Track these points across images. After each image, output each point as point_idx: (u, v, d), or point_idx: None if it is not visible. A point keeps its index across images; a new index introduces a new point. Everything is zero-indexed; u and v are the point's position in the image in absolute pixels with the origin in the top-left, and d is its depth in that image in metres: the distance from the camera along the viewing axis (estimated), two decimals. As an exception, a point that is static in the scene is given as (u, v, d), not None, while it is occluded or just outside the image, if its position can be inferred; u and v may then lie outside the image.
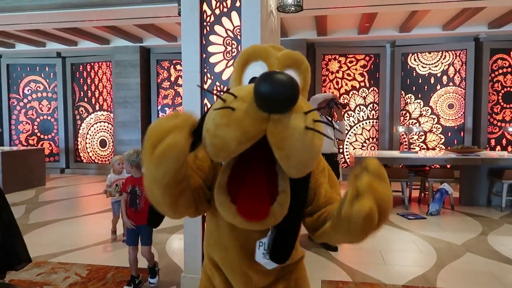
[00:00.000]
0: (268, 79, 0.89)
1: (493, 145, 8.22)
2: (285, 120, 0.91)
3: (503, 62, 8.08)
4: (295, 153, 0.93)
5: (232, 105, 0.93)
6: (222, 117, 0.93)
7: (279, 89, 0.87)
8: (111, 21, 7.02)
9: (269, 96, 0.87)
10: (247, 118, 0.91)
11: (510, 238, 4.37)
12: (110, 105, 9.76)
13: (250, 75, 1.17)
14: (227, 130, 0.92)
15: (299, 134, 0.91)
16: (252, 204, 1.03)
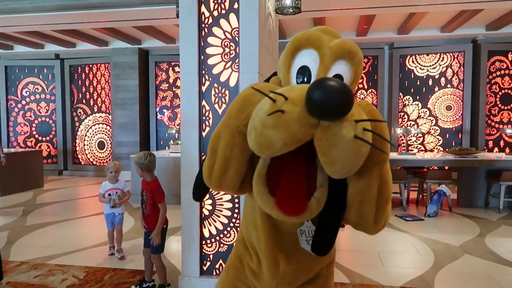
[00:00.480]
0: (322, 86, 0.86)
1: (491, 147, 8.24)
2: (335, 128, 0.89)
3: (500, 64, 8.10)
4: (341, 160, 0.92)
5: (283, 107, 0.92)
6: (271, 117, 0.92)
7: (333, 97, 0.85)
8: (110, 23, 7.03)
9: (322, 103, 0.86)
10: (296, 122, 0.90)
11: (508, 240, 4.38)
12: (108, 107, 9.75)
13: (299, 63, 1.14)
14: (274, 131, 0.91)
15: (347, 143, 0.90)
16: (291, 198, 1.03)
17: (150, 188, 2.97)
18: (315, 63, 1.11)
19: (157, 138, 9.59)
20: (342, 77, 1.12)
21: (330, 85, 0.86)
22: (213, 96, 2.76)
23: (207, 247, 2.83)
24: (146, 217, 2.99)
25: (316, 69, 1.11)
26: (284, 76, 1.18)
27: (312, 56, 1.12)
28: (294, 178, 1.05)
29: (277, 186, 1.05)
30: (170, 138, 9.02)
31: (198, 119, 2.76)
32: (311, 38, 1.13)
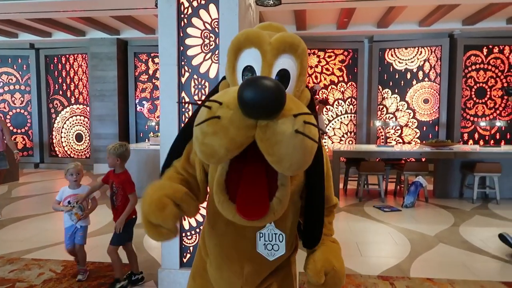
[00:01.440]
0: (251, 85, 0.85)
1: (466, 139, 8.46)
2: (273, 125, 0.88)
3: (476, 58, 8.30)
4: (286, 157, 0.90)
5: (218, 113, 0.90)
6: (209, 125, 0.91)
7: (264, 95, 0.84)
8: (87, 12, 6.85)
9: (253, 103, 0.84)
10: (233, 126, 0.89)
11: (480, 229, 4.53)
12: (86, 98, 9.55)
13: (243, 63, 1.12)
14: (214, 138, 0.90)
15: (288, 138, 0.89)
16: (251, 203, 1.01)
17: (121, 180, 2.93)
18: (258, 61, 1.10)
19: (137, 130, 9.46)
20: (288, 71, 1.11)
21: (259, 83, 0.85)
22: (193, 88, 2.73)
23: (187, 239, 2.82)
24: (117, 209, 2.95)
25: (260, 67, 1.09)
26: (230, 79, 1.16)
27: (254, 55, 1.10)
28: (254, 182, 1.03)
29: (237, 192, 1.03)
30: (150, 130, 8.91)
31: (177, 111, 2.74)
32: (250, 36, 1.11)
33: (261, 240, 1.20)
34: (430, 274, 3.22)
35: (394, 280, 3.11)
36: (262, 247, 1.19)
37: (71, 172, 3.07)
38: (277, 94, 0.85)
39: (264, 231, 1.19)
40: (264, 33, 1.13)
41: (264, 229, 1.19)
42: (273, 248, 1.20)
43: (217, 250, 1.28)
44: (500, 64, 8.26)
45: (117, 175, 2.96)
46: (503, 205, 5.65)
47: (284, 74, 1.10)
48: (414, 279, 3.12)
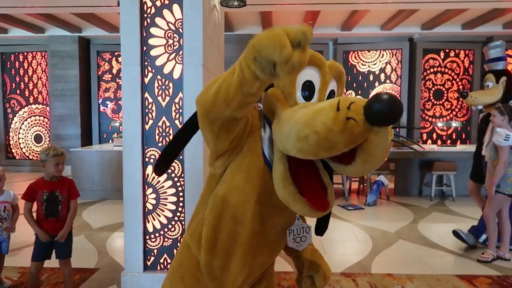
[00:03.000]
0: (380, 99, 1.00)
1: (425, 139, 8.83)
2: (384, 132, 1.04)
3: (434, 61, 8.68)
4: (376, 159, 1.08)
5: (350, 115, 1.03)
6: (338, 123, 1.02)
7: (390, 107, 0.98)
8: (46, 9, 6.61)
9: (381, 113, 0.99)
10: (359, 128, 1.01)
11: (437, 225, 4.74)
12: (46, 98, 9.19)
13: (304, 77, 1.26)
14: (339, 136, 1.02)
15: (388, 145, 1.07)
16: (317, 196, 1.17)
17: (66, 185, 2.67)
18: (317, 79, 1.27)
19: (100, 131, 9.20)
20: (335, 92, 1.32)
21: (386, 98, 1.01)
22: (157, 88, 2.70)
23: (151, 242, 2.79)
24: (60, 221, 2.61)
25: (318, 84, 1.27)
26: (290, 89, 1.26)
27: (314, 73, 1.27)
28: (311, 178, 1.19)
29: (301, 186, 1.17)
30: (114, 131, 8.69)
31: (140, 111, 2.70)
32: (317, 58, 1.27)
33: (290, 236, 1.37)
34: (390, 270, 3.34)
35: (356, 276, 3.20)
36: (292, 242, 1.37)
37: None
38: (399, 106, 1.00)
39: (292, 228, 1.37)
40: (324, 59, 1.30)
41: (292, 226, 1.37)
42: (301, 239, 1.39)
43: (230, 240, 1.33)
44: (456, 68, 8.67)
45: (61, 182, 2.66)
46: (458, 202, 5.94)
47: (331, 94, 1.31)
48: (375, 275, 3.23)
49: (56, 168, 2.58)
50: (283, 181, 1.16)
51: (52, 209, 2.61)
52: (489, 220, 3.54)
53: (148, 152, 2.75)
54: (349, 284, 3.05)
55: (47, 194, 2.60)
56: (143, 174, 2.74)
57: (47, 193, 2.60)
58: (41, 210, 2.60)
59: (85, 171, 6.14)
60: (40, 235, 2.59)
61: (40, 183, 2.64)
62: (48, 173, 2.61)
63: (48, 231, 2.60)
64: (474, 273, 3.28)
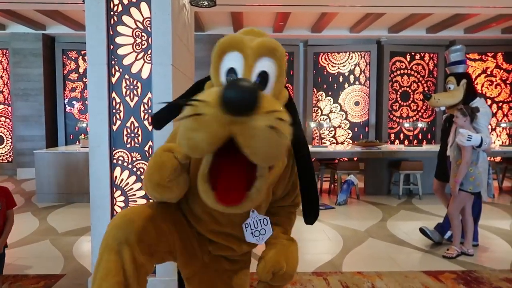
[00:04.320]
0: (232, 86, 0.98)
1: (393, 139, 9.07)
2: (249, 121, 0.99)
3: (400, 64, 8.93)
4: (261, 150, 1.02)
5: (201, 110, 1.01)
6: (193, 121, 1.02)
7: (242, 95, 0.96)
8: (7, 5, 6.32)
9: (234, 101, 0.96)
10: (214, 121, 0.99)
11: (405, 223, 4.86)
12: (7, 97, 8.81)
13: (226, 65, 1.25)
14: (197, 133, 1.01)
15: (262, 133, 1.00)
16: (231, 191, 1.13)
17: (3, 193, 2.49)
18: (240, 64, 1.23)
19: (66, 132, 8.90)
20: (267, 73, 1.25)
21: (239, 84, 0.98)
22: (124, 88, 2.63)
23: (119, 246, 2.71)
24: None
25: (241, 69, 1.23)
26: (215, 80, 1.29)
27: (236, 58, 1.24)
28: (233, 173, 1.15)
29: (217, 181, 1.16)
30: (81, 132, 8.41)
31: (108, 112, 2.62)
32: (233, 41, 1.25)
33: (247, 230, 1.37)
34: (360, 268, 3.40)
35: (327, 275, 3.23)
36: (250, 236, 1.37)
37: None
38: (253, 93, 0.97)
39: (248, 221, 1.36)
40: (246, 38, 1.27)
41: (248, 219, 1.36)
42: (260, 233, 1.39)
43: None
44: (421, 70, 8.96)
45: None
46: (425, 200, 6.13)
47: (264, 76, 1.25)
48: (345, 273, 3.27)
49: None
50: (200, 178, 1.15)
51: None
52: (454, 218, 3.67)
53: (116, 154, 2.67)
54: (320, 283, 3.07)
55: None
56: (111, 176, 2.66)
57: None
58: None
59: (50, 173, 5.91)
60: None
61: None
62: None
63: None
64: (440, 268, 3.38)
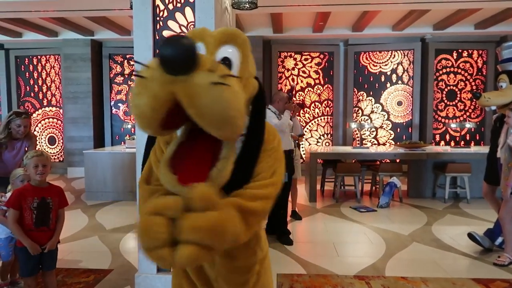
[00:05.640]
0: (167, 43, 0.93)
1: (438, 140, 8.72)
2: (190, 79, 0.95)
3: (446, 62, 8.57)
4: (207, 109, 0.96)
5: (142, 73, 0.98)
6: (136, 86, 0.99)
7: (178, 52, 0.91)
8: (59, 13, 6.69)
9: (169, 58, 0.92)
10: (154, 83, 0.96)
11: (451, 227, 4.67)
12: (59, 100, 9.32)
13: None
14: (140, 98, 0.98)
15: (205, 90, 0.95)
16: (191, 171, 1.09)
17: (57, 192, 2.52)
18: (203, 53, 1.19)
19: (112, 133, 9.29)
20: (230, 59, 1.21)
21: (174, 40, 0.93)
22: (169, 91, 2.71)
23: (164, 244, 2.79)
24: (51, 230, 2.46)
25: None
26: None
27: (199, 48, 1.18)
28: (196, 156, 1.11)
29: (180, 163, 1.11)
30: (126, 133, 8.77)
31: (153, 114, 2.71)
32: (196, 32, 1.26)
33: None
34: (404, 273, 3.30)
35: (370, 279, 3.17)
36: None
37: (21, 179, 2.67)
38: (189, 49, 0.93)
39: None
40: (207, 30, 1.28)
41: None
42: None
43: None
44: (469, 68, 8.56)
45: (50, 188, 2.51)
46: (473, 204, 5.85)
47: (226, 63, 1.20)
48: (389, 278, 3.19)
49: (35, 170, 2.38)
50: (162, 163, 1.11)
51: (44, 217, 2.40)
52: (505, 223, 3.48)
53: (161, 154, 2.76)
54: (362, 287, 3.02)
55: (38, 201, 2.39)
56: (156, 176, 2.75)
57: (37, 200, 2.39)
58: (31, 218, 2.37)
59: (98, 172, 6.20)
60: (32, 247, 2.36)
61: (29, 188, 2.43)
62: (31, 178, 2.45)
63: (38, 242, 2.39)
64: (491, 276, 3.22)
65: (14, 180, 2.73)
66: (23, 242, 2.37)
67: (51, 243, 2.45)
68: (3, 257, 2.86)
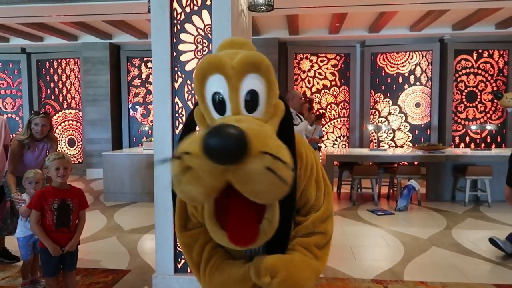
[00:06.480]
0: (214, 134, 0.88)
1: (457, 143, 8.55)
2: (243, 167, 0.90)
3: (466, 62, 8.41)
4: (262, 192, 0.95)
5: (188, 163, 0.93)
6: (183, 175, 0.94)
7: (227, 143, 0.86)
8: (79, 17, 6.83)
9: (218, 151, 0.87)
10: (205, 174, 0.92)
11: (472, 232, 4.57)
12: (78, 103, 9.50)
13: (210, 90, 1.15)
14: (190, 187, 0.94)
15: (260, 176, 0.91)
16: (241, 229, 1.04)
17: (77, 194, 2.55)
18: (224, 87, 1.12)
19: (130, 135, 9.42)
20: (256, 91, 1.13)
21: (220, 132, 0.88)
22: (186, 93, 2.74)
23: (181, 245, 2.81)
24: (72, 232, 2.49)
25: (227, 92, 1.12)
26: (202, 107, 1.20)
27: (219, 81, 1.13)
28: (241, 208, 1.05)
29: (227, 220, 1.07)
30: (144, 135, 8.88)
31: (171, 116, 2.74)
32: (212, 63, 1.13)
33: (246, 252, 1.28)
34: (423, 277, 3.24)
35: (388, 283, 3.12)
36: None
37: (29, 181, 2.79)
38: (239, 140, 0.87)
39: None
40: (225, 57, 1.14)
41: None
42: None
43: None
44: (489, 68, 8.38)
45: (71, 190, 2.55)
46: (494, 207, 5.70)
47: (253, 95, 1.13)
48: (407, 283, 3.14)
49: (56, 172, 2.43)
50: (207, 218, 1.10)
51: (64, 218, 2.45)
52: (529, 227, 3.39)
53: (178, 156, 2.78)
54: (380, 291, 2.98)
55: (58, 203, 2.43)
56: (173, 177, 2.77)
57: (58, 201, 2.43)
58: (51, 219, 2.41)
59: (116, 174, 6.29)
60: (52, 248, 2.40)
61: (50, 190, 2.47)
62: (53, 179, 2.49)
63: (59, 243, 2.43)
64: (513, 282, 3.14)
65: (24, 181, 2.83)
66: (44, 243, 2.41)
67: (71, 244, 2.48)
68: (22, 256, 2.92)
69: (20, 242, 2.85)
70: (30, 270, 3.01)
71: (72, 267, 2.59)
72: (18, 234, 2.85)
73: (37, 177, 2.82)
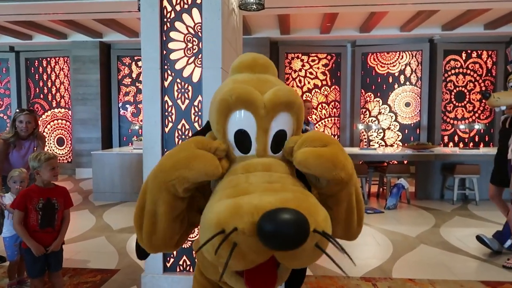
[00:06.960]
0: (270, 219, 0.82)
1: (446, 142, 8.65)
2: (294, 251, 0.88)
3: (455, 63, 8.51)
4: (303, 263, 0.96)
5: (235, 240, 0.86)
6: (224, 249, 0.87)
7: (287, 232, 0.81)
8: (68, 15, 6.77)
9: (277, 239, 0.82)
10: (251, 252, 0.87)
11: (460, 230, 4.62)
12: (68, 102, 9.41)
13: (234, 126, 1.06)
14: (232, 261, 0.88)
15: (308, 253, 0.91)
16: (259, 273, 0.98)
17: (62, 193, 2.52)
18: (252, 126, 1.04)
19: (120, 134, 9.36)
20: (285, 131, 1.08)
21: (280, 218, 0.82)
22: (176, 92, 2.73)
23: (170, 244, 2.80)
24: (56, 232, 2.45)
25: (254, 132, 1.04)
26: (220, 139, 1.10)
27: (247, 119, 1.04)
28: None
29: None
30: (134, 134, 8.84)
31: (160, 114, 2.73)
32: (241, 98, 1.03)
33: None
34: (412, 275, 3.28)
35: (376, 281, 3.15)
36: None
37: (14, 180, 2.76)
38: (300, 229, 0.83)
39: None
40: (255, 93, 1.04)
41: None
42: None
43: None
44: (478, 69, 8.49)
45: (56, 189, 2.50)
46: (482, 206, 5.78)
47: (281, 135, 1.07)
48: (396, 280, 3.17)
49: (52, 172, 2.41)
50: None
51: (49, 218, 2.41)
52: (515, 225, 3.44)
53: (167, 155, 2.77)
54: (369, 289, 3.00)
55: (43, 202, 2.39)
56: (163, 176, 2.76)
57: (43, 201, 2.39)
58: (36, 219, 2.37)
59: (106, 173, 6.25)
60: (35, 248, 2.35)
61: (35, 189, 2.42)
62: (43, 179, 2.43)
63: (43, 243, 2.39)
64: (500, 279, 3.18)
65: (8, 180, 2.80)
66: (27, 243, 2.37)
67: (55, 244, 2.45)
68: (8, 257, 2.89)
69: (6, 242, 2.82)
70: (16, 271, 2.98)
71: (58, 267, 2.55)
72: (5, 233, 2.82)
73: (22, 176, 2.78)
